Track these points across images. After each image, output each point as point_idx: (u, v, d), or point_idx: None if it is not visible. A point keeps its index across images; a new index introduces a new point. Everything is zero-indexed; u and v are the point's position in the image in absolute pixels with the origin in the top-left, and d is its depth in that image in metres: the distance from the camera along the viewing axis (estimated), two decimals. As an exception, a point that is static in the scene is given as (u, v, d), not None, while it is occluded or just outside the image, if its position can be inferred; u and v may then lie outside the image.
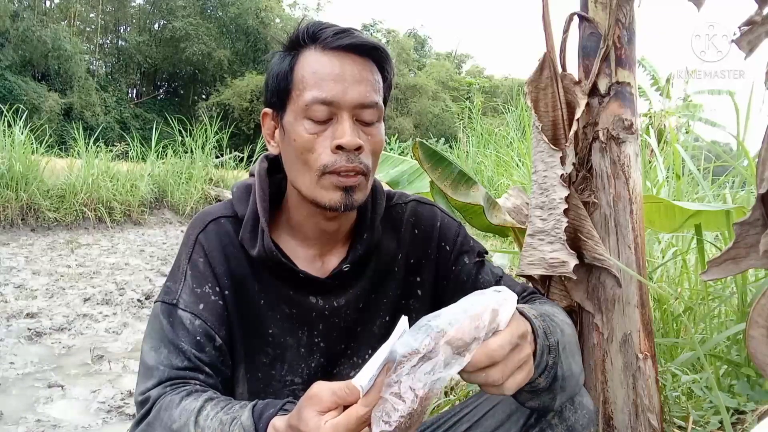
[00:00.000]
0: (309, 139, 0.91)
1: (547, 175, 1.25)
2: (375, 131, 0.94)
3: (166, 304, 0.96)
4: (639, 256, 1.29)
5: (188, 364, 0.92)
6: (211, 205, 1.07)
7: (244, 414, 0.78)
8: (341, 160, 0.90)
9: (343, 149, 0.90)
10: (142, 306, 4.05)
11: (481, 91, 25.47)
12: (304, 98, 0.91)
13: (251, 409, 0.79)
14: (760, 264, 1.01)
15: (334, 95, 0.90)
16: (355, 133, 0.90)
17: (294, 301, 1.01)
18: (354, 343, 1.05)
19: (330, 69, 0.91)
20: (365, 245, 1.02)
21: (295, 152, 0.94)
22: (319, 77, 0.91)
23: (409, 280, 1.08)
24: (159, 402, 0.87)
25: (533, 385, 0.82)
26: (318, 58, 0.92)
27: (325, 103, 0.90)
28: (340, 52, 0.92)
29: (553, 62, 1.28)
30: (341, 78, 0.90)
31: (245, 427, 0.77)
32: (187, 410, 0.83)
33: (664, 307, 2.02)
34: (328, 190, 0.92)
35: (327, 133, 0.91)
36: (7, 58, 23.78)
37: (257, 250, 0.97)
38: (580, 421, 0.95)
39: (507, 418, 0.96)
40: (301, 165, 0.93)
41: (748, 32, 0.96)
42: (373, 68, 0.95)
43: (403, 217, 1.10)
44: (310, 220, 1.00)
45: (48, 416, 2.26)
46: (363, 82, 0.92)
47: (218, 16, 33.34)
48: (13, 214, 7.01)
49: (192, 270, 0.98)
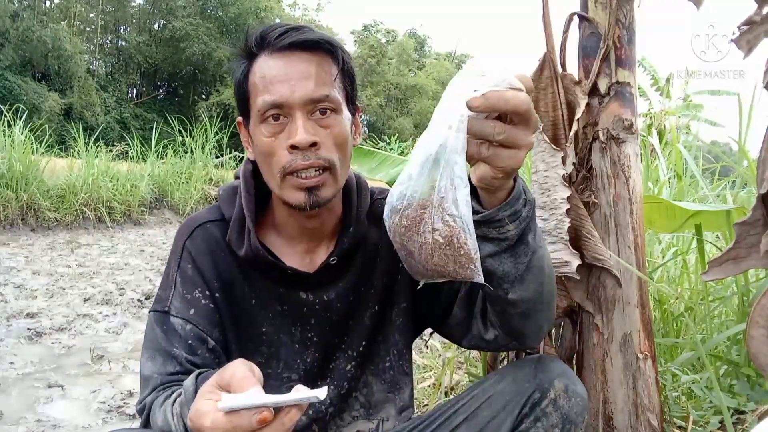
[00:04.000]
0: (268, 143, 0.93)
1: (548, 175, 1.25)
2: (333, 122, 0.94)
3: (158, 313, 0.99)
4: (639, 256, 1.29)
5: (180, 368, 0.95)
6: (198, 211, 1.09)
7: (188, 379, 0.82)
8: (297, 158, 0.91)
9: (297, 148, 0.90)
10: (142, 306, 4.05)
11: (481, 91, 25.38)
12: (257, 104, 0.93)
13: (196, 374, 0.83)
14: (761, 264, 1.01)
15: (281, 95, 0.91)
16: (308, 130, 0.91)
17: (285, 298, 1.03)
18: (347, 336, 1.07)
19: (276, 71, 0.92)
20: (351, 238, 1.03)
21: (260, 157, 0.96)
22: (267, 81, 0.92)
23: (390, 268, 1.09)
24: (152, 407, 0.91)
25: (501, 231, 0.81)
26: (266, 61, 0.94)
27: (275, 105, 0.91)
28: (285, 51, 0.93)
29: (553, 62, 1.28)
30: (287, 78, 0.91)
31: (186, 388, 0.80)
32: (167, 404, 0.87)
33: (664, 307, 2.02)
34: (292, 191, 0.93)
35: (283, 135, 0.92)
36: (7, 58, 23.80)
37: (244, 251, 0.99)
38: (574, 409, 0.96)
39: (502, 408, 0.97)
40: (267, 169, 0.95)
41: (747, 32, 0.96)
42: (322, 60, 0.94)
43: (383, 210, 1.11)
44: (292, 219, 1.02)
45: (48, 416, 2.26)
46: (310, 78, 0.92)
47: (218, 16, 33.36)
48: (13, 214, 7.01)
49: (181, 277, 1.00)
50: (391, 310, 1.09)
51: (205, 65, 32.22)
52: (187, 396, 0.79)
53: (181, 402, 0.81)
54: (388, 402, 1.09)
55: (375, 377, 1.09)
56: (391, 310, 1.09)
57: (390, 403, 1.09)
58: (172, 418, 0.83)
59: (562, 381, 0.97)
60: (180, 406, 0.81)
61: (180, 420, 0.81)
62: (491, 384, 1.00)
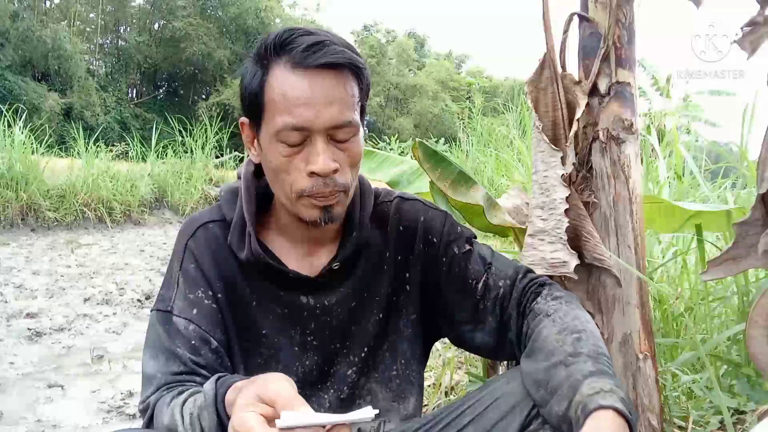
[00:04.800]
0: (283, 162, 0.91)
1: (547, 175, 1.25)
2: (352, 146, 0.93)
3: (161, 312, 0.98)
4: (639, 257, 1.29)
5: (184, 368, 0.94)
6: (199, 211, 1.08)
7: (208, 382, 0.82)
8: (318, 185, 0.90)
9: (318, 175, 0.89)
10: (142, 306, 4.05)
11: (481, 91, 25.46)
12: (276, 123, 0.89)
13: (216, 377, 0.83)
14: (760, 264, 1.01)
15: (305, 120, 0.87)
16: (329, 155, 0.89)
17: (285, 301, 1.02)
18: (349, 341, 1.06)
19: (300, 92, 0.87)
20: (354, 243, 1.02)
21: (271, 172, 0.94)
22: (289, 102, 0.87)
23: (398, 277, 1.08)
24: (156, 406, 0.90)
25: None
26: (287, 77, 0.88)
27: (296, 128, 0.88)
28: (310, 69, 0.88)
29: (553, 62, 1.28)
30: (312, 101, 0.87)
31: (206, 391, 0.81)
32: (175, 404, 0.86)
33: (664, 307, 2.02)
34: (307, 208, 0.93)
35: (301, 156, 0.90)
36: (7, 58, 23.79)
37: (245, 254, 0.98)
38: None
39: (510, 410, 0.95)
40: (279, 184, 0.94)
41: (750, 33, 0.96)
42: (347, 81, 0.90)
43: (388, 214, 1.10)
44: (295, 224, 1.01)
45: (48, 416, 2.26)
46: (335, 103, 0.88)
47: (218, 16, 33.36)
48: (13, 214, 7.01)
49: (184, 276, 1.00)
50: (398, 319, 1.08)
51: (205, 65, 32.21)
52: (207, 400, 0.79)
53: (201, 405, 0.80)
54: (392, 411, 1.08)
55: (380, 385, 1.08)
56: (398, 319, 1.08)
57: (394, 411, 1.08)
58: (181, 419, 0.83)
59: None
60: (199, 409, 0.81)
61: (197, 422, 0.80)
62: (499, 385, 0.99)
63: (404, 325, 1.08)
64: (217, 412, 0.79)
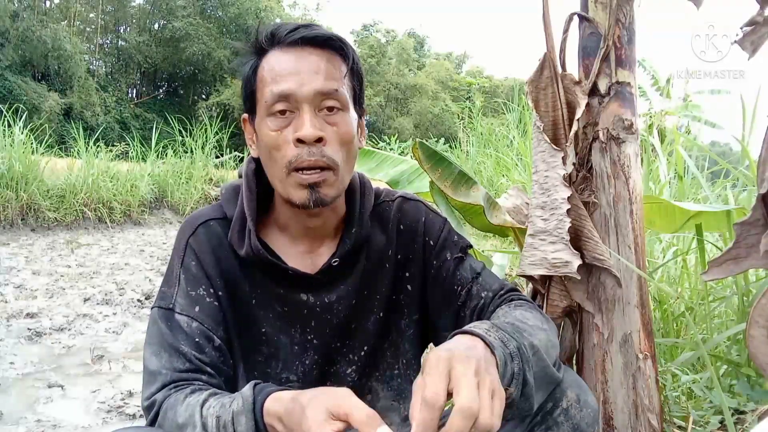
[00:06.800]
0: (274, 136, 0.93)
1: (548, 175, 1.25)
2: (340, 120, 0.94)
3: (163, 309, 0.98)
4: (639, 256, 1.29)
5: (190, 366, 0.93)
6: (200, 209, 1.08)
7: (246, 388, 0.82)
8: (303, 153, 0.91)
9: (304, 142, 0.91)
10: (142, 306, 4.05)
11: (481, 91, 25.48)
12: (265, 96, 0.93)
13: (253, 384, 0.82)
14: (761, 264, 1.01)
15: (290, 87, 0.91)
16: (315, 124, 0.91)
17: (285, 299, 1.02)
18: (349, 340, 1.06)
19: (285, 64, 0.93)
20: (354, 239, 1.03)
21: (265, 152, 0.96)
22: (276, 73, 0.93)
23: (399, 276, 1.08)
24: (164, 404, 0.89)
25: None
26: (275, 56, 0.95)
27: (282, 96, 0.91)
28: (296, 47, 0.94)
29: (553, 62, 1.28)
30: (297, 71, 0.92)
31: (244, 397, 0.80)
32: (192, 404, 0.85)
33: (664, 307, 2.02)
34: (295, 188, 0.93)
35: (290, 128, 0.92)
36: (7, 58, 23.78)
37: (245, 250, 0.98)
38: (585, 419, 0.95)
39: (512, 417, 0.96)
40: (272, 164, 0.95)
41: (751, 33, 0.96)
42: (332, 58, 0.95)
43: (390, 213, 1.10)
44: (295, 218, 1.01)
45: (48, 416, 2.26)
46: (320, 72, 0.92)
47: (218, 16, 33.36)
48: (13, 214, 7.01)
49: (185, 274, 1.00)
50: (400, 319, 1.08)
51: (205, 65, 32.20)
52: (246, 406, 0.79)
53: (236, 410, 0.80)
54: (392, 410, 1.08)
55: (381, 384, 1.08)
56: (399, 319, 1.08)
57: (395, 411, 1.08)
58: (201, 419, 0.82)
59: (575, 391, 0.95)
60: (234, 414, 0.80)
61: (230, 426, 0.80)
62: None
63: (406, 325, 1.09)
64: (254, 419, 0.79)
